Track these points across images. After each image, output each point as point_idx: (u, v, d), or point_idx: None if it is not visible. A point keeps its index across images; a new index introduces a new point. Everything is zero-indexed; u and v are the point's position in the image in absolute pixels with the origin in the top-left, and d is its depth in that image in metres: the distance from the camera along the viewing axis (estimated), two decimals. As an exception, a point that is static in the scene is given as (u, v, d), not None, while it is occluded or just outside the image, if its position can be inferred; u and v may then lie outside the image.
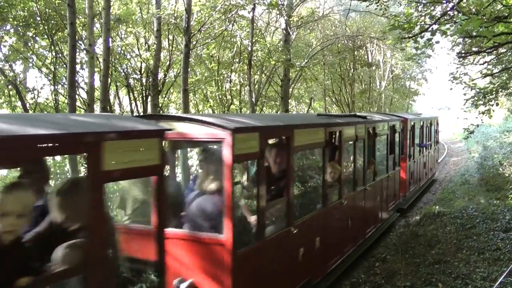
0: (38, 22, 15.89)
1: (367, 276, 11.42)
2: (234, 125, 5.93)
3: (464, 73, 20.43)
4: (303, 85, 31.30)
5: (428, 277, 10.28)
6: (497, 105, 20.94)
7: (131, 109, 19.86)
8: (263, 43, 20.02)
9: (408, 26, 12.70)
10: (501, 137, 29.74)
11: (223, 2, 16.73)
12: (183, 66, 14.86)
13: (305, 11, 24.83)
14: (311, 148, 11.05)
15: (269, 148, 7.62)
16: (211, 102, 22.83)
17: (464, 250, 11.94)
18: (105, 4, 13.08)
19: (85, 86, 16.13)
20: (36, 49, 17.35)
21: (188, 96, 17.01)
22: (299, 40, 27.13)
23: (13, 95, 17.14)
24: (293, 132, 7.41)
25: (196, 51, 20.27)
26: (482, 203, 16.62)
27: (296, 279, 7.81)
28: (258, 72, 21.99)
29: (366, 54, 39.00)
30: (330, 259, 9.50)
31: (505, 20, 10.47)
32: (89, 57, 12.77)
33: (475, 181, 22.66)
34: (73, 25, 11.24)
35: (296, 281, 7.82)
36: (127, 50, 19.50)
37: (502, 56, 18.64)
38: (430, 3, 12.86)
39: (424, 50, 17.44)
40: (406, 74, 47.39)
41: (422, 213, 17.11)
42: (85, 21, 15.13)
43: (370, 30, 31.42)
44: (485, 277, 10.01)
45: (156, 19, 16.14)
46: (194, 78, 21.20)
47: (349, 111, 35.74)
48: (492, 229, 13.52)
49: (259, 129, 6.57)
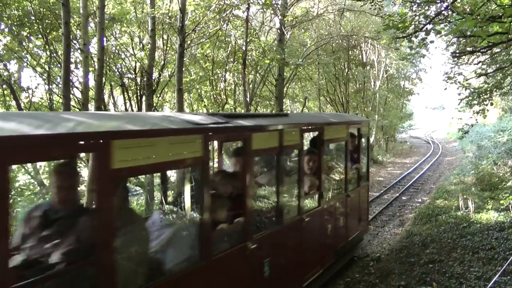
0: (32, 21, 15.82)
1: (361, 275, 11.44)
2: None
3: (458, 73, 20.45)
4: (297, 85, 31.32)
5: (422, 276, 10.31)
6: (491, 104, 21.01)
7: (125, 109, 19.82)
8: (257, 42, 20.01)
9: (403, 25, 12.73)
10: (496, 137, 29.77)
11: (217, 1, 16.73)
12: (177, 65, 14.83)
13: (299, 10, 24.82)
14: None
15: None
16: (206, 101, 22.80)
17: (458, 250, 11.98)
18: (100, 4, 13.04)
19: (79, 86, 16.09)
20: (31, 49, 17.27)
21: (183, 96, 16.98)
22: (293, 40, 27.14)
23: (7, 94, 17.07)
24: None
25: (191, 50, 20.26)
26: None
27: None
28: (253, 72, 22.00)
29: (361, 53, 39.10)
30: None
31: (499, 20, 10.50)
32: (84, 56, 12.71)
33: (469, 181, 22.75)
34: (68, 24, 11.19)
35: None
36: (121, 49, 19.44)
37: (496, 56, 18.68)
38: (425, 3, 12.87)
39: (419, 50, 17.43)
40: (400, 74, 47.46)
41: (416, 213, 17.19)
42: (79, 21, 15.07)
43: (364, 30, 31.48)
44: (479, 277, 10.05)
45: (150, 19, 16.09)
46: (188, 78, 21.17)
47: (343, 111, 35.85)
48: (486, 229, 13.57)
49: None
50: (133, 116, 6.05)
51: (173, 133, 5.13)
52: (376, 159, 38.08)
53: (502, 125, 35.52)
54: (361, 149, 11.88)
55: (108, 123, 4.56)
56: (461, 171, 26.79)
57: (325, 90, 35.14)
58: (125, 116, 5.62)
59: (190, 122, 5.58)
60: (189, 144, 5.31)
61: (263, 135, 6.99)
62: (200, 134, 5.47)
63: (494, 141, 28.52)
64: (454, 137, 59.62)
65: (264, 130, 7.09)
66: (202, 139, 5.46)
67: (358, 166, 11.68)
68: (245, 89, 18.60)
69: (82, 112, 10.97)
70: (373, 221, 17.45)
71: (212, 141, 6.47)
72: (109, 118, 4.98)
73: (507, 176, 21.04)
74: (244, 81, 18.35)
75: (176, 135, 5.16)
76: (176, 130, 5.20)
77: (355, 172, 11.49)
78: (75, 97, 16.68)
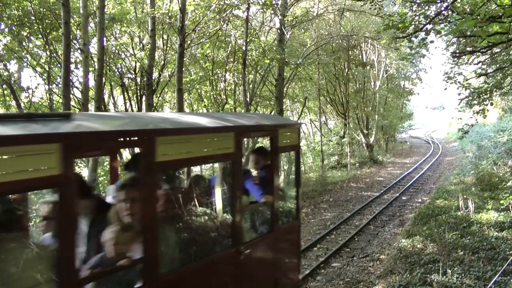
0: (32, 21, 15.84)
1: (361, 275, 11.46)
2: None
3: (458, 73, 20.46)
4: (297, 85, 31.32)
5: (422, 276, 10.30)
6: (491, 104, 21.01)
7: (125, 109, 19.82)
8: (257, 42, 20.01)
9: (403, 25, 12.72)
10: (496, 137, 29.77)
11: (217, 1, 16.72)
12: (177, 65, 14.84)
13: (299, 10, 24.82)
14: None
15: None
16: (206, 101, 22.81)
17: (458, 250, 11.96)
18: (100, 4, 13.06)
19: (79, 86, 16.09)
20: (31, 49, 17.28)
21: (183, 96, 16.99)
22: (293, 40, 27.14)
23: (8, 94, 17.08)
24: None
25: (191, 50, 20.26)
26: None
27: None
28: (253, 72, 21.99)
29: (361, 53, 39.10)
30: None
31: (499, 20, 10.49)
32: (84, 56, 12.73)
33: (469, 181, 22.74)
34: (68, 24, 11.20)
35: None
36: (121, 49, 19.45)
37: (496, 56, 18.68)
38: (425, 3, 12.87)
39: (419, 50, 17.42)
40: (400, 74, 47.46)
41: (416, 213, 17.18)
42: (79, 21, 15.09)
43: (364, 30, 31.46)
44: (479, 277, 10.04)
45: (150, 19, 16.10)
46: (188, 78, 21.17)
47: (343, 111, 35.86)
48: (486, 229, 13.56)
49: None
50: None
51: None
52: (376, 159, 38.13)
53: (502, 125, 35.51)
54: (277, 170, 7.26)
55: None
56: (461, 171, 26.79)
57: (325, 90, 35.13)
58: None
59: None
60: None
61: None
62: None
63: (494, 141, 28.51)
64: (454, 137, 59.65)
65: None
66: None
67: (269, 199, 6.92)
68: (245, 89, 18.60)
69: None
70: (373, 221, 17.46)
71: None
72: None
73: (507, 176, 21.03)
74: (244, 81, 18.35)
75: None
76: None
77: (263, 209, 7.13)
78: (75, 97, 16.69)
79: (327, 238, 15.40)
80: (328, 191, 24.61)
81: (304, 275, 11.37)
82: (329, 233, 15.86)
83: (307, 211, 19.73)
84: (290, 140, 7.44)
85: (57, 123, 3.97)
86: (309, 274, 11.57)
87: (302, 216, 18.71)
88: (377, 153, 41.08)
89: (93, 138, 4.21)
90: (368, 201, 21.18)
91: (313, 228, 16.73)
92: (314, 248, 14.23)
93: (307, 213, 19.37)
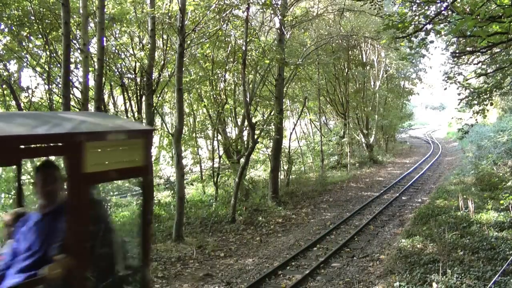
0: (32, 21, 15.82)
1: (361, 275, 11.46)
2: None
3: (458, 72, 20.45)
4: (297, 85, 31.29)
5: (422, 276, 10.30)
6: (491, 104, 20.99)
7: (125, 109, 19.82)
8: (257, 42, 19.99)
9: (402, 25, 12.70)
10: (495, 137, 29.74)
11: (217, 1, 16.71)
12: (177, 65, 14.83)
13: (299, 10, 24.80)
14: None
15: None
16: (206, 101, 22.76)
17: (458, 250, 11.96)
18: (100, 4, 13.04)
19: (79, 86, 16.08)
20: (30, 49, 17.26)
21: (183, 96, 16.96)
22: (293, 40, 27.11)
23: (7, 94, 17.06)
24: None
25: (190, 50, 20.23)
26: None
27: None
28: (253, 72, 21.96)
29: (361, 53, 39.09)
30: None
31: (499, 19, 10.48)
32: (83, 56, 12.71)
33: (469, 181, 22.75)
34: (67, 24, 11.20)
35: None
36: (121, 49, 19.43)
37: (496, 56, 18.67)
38: (424, 3, 12.86)
39: (418, 50, 17.41)
40: (400, 74, 47.46)
41: (416, 213, 17.19)
42: (79, 20, 15.07)
43: (364, 30, 31.45)
44: (479, 277, 10.04)
45: (150, 19, 16.08)
46: (188, 78, 21.14)
47: (343, 111, 35.85)
48: (486, 229, 13.56)
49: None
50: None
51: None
52: (376, 159, 38.13)
53: (502, 125, 35.46)
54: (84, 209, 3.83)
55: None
56: (461, 171, 26.81)
57: (325, 90, 35.12)
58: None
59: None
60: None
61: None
62: None
63: (494, 141, 28.47)
64: (454, 137, 59.62)
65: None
66: None
67: (51, 272, 3.51)
68: (245, 89, 18.56)
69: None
70: (373, 221, 17.47)
71: None
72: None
73: (507, 176, 21.03)
74: (244, 81, 18.31)
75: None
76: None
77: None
78: (75, 97, 16.67)
79: (327, 238, 15.41)
80: (328, 191, 24.63)
81: (304, 275, 11.40)
82: (329, 233, 15.87)
83: (307, 211, 19.74)
84: (124, 158, 4.13)
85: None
86: (309, 274, 11.58)
87: (302, 216, 18.76)
88: (377, 153, 41.09)
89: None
90: (368, 201, 21.20)
91: (313, 228, 16.74)
92: (314, 248, 14.25)
93: (307, 213, 19.39)
